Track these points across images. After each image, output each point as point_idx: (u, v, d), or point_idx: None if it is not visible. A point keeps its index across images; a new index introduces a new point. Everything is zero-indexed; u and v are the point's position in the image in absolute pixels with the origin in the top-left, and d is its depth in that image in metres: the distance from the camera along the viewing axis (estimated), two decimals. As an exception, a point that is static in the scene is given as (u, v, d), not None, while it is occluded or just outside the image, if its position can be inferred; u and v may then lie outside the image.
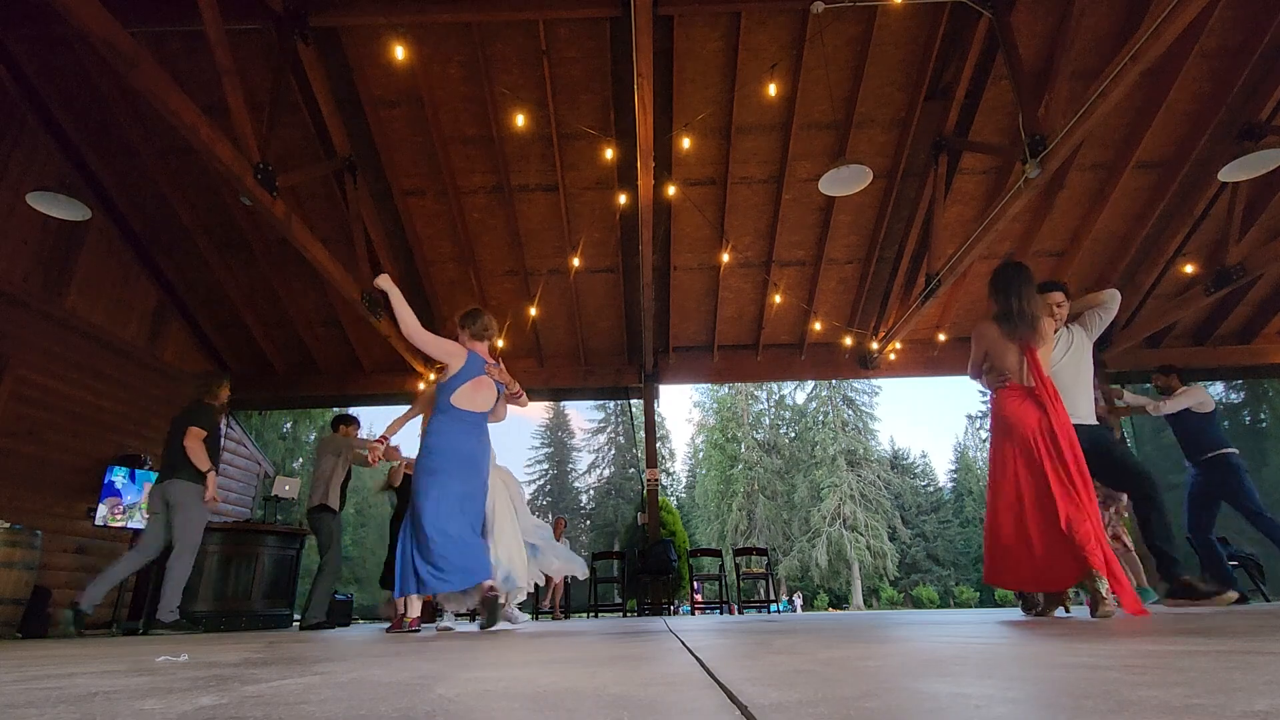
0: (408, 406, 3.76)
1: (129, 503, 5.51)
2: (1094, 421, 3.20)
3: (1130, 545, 4.91)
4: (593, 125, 5.71)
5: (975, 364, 3.14)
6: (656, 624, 3.90)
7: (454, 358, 3.37)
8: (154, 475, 5.87)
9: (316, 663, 1.47)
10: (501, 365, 3.59)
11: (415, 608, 3.29)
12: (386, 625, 4.65)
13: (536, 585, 7.82)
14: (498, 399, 3.53)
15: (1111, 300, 3.32)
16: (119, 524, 5.39)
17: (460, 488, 3.23)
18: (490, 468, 3.55)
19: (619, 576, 9.17)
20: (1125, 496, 4.39)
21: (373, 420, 50.12)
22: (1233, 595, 3.26)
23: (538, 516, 4.26)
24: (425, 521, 3.10)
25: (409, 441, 25.68)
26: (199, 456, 4.32)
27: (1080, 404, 3.13)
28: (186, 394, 7.26)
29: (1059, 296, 3.28)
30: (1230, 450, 4.58)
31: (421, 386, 7.66)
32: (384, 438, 3.86)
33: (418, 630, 3.34)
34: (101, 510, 5.33)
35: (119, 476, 5.71)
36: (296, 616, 6.28)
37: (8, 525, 4.52)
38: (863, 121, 5.84)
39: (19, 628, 4.56)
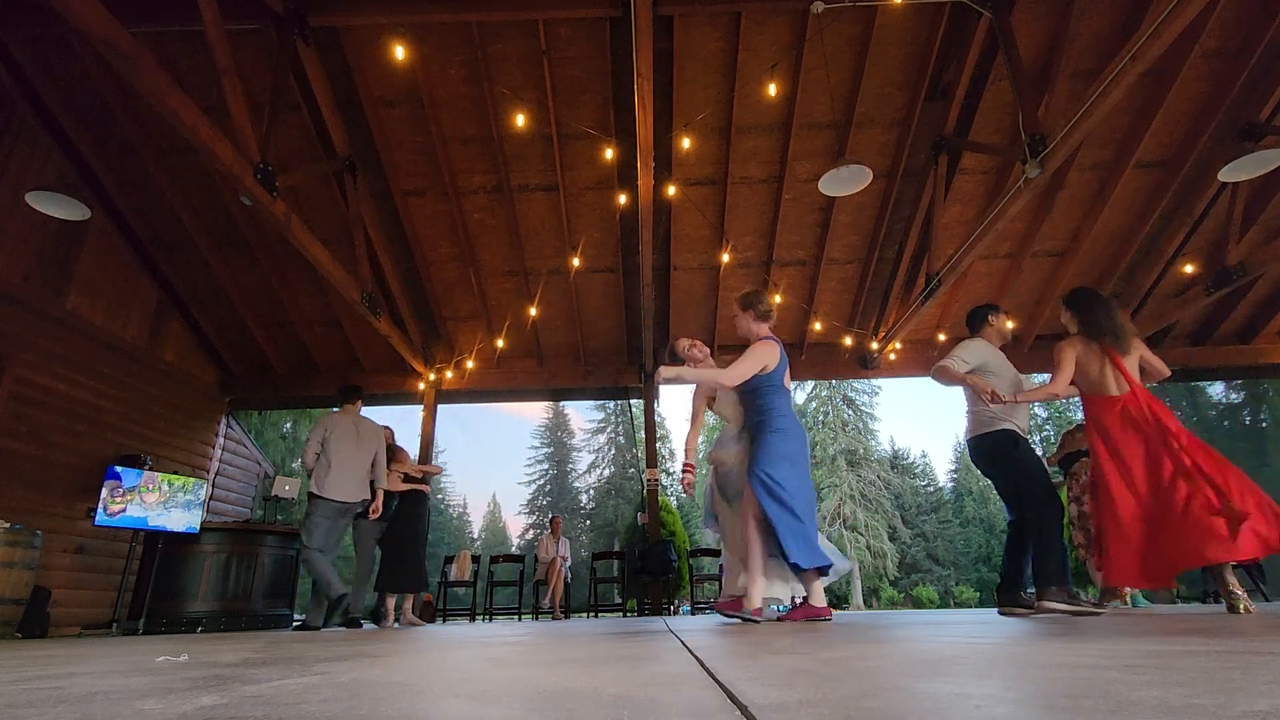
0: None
1: (128, 485, 5.50)
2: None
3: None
4: (593, 125, 5.71)
5: (1066, 379, 3.22)
6: (656, 624, 3.90)
7: (771, 356, 3.16)
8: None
9: (316, 663, 1.47)
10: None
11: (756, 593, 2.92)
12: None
13: (539, 582, 7.88)
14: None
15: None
16: (119, 507, 5.39)
17: (806, 469, 3.08)
18: None
19: (619, 576, 9.15)
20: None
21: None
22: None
23: (536, 516, 4.09)
24: (794, 503, 2.89)
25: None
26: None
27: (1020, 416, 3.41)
28: (186, 394, 7.34)
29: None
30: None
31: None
32: (689, 465, 3.59)
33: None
34: (103, 494, 5.34)
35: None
36: (298, 617, 6.27)
37: (8, 525, 4.52)
38: (863, 121, 5.84)
39: (19, 628, 4.56)
